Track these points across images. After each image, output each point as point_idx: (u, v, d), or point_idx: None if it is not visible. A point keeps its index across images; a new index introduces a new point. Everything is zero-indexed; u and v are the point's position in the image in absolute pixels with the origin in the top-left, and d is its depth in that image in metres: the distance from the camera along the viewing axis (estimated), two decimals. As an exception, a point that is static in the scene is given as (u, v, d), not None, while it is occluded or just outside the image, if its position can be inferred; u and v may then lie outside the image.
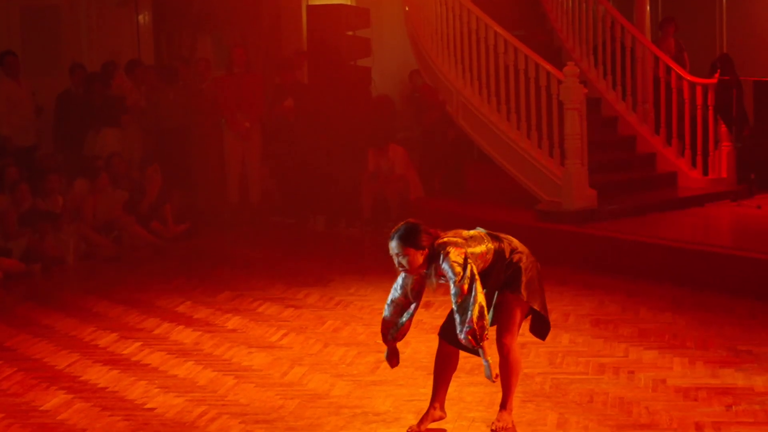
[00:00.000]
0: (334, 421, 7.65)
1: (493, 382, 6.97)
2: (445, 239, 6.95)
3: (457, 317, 6.81)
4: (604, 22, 14.73)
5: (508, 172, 13.72)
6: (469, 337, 6.74)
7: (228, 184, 15.54)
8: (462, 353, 7.28)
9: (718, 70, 14.19)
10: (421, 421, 7.40)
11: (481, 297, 6.77)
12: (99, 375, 8.88)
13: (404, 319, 7.30)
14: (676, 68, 14.19)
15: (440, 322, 9.91)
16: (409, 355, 9.15)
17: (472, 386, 8.25)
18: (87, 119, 14.89)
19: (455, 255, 6.84)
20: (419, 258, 6.92)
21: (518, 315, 7.18)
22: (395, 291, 7.29)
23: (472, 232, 7.13)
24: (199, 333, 10.03)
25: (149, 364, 9.14)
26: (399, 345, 7.64)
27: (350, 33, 16.62)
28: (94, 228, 13.57)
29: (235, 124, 15.32)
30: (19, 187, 13.20)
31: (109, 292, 11.69)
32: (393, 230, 7.01)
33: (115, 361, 9.24)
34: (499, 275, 7.11)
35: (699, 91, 14.02)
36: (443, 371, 7.41)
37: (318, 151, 15.29)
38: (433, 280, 7.05)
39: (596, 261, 12.00)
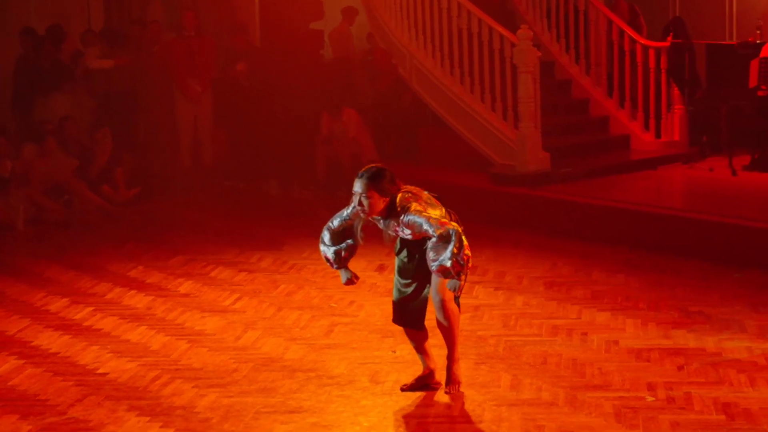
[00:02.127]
0: (288, 385, 7.66)
1: (456, 294, 7.06)
2: (408, 195, 7.01)
3: (445, 250, 6.80)
4: (558, -16, 14.76)
5: (461, 135, 13.73)
6: (464, 261, 6.79)
7: (180, 148, 15.48)
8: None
9: (671, 34, 14.24)
10: (412, 385, 7.53)
11: (458, 226, 6.86)
12: (50, 340, 8.85)
13: (344, 246, 7.41)
14: (629, 31, 14.23)
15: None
16: (363, 318, 9.18)
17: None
18: (36, 84, 14.76)
19: (416, 206, 6.93)
20: (380, 204, 6.98)
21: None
22: (334, 221, 7.40)
23: (431, 198, 7.16)
24: (152, 298, 10.01)
25: (101, 329, 9.12)
26: (353, 309, 7.67)
27: (303, -5, 16.59)
28: (44, 192, 13.49)
29: (185, 88, 15.24)
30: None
31: (59, 257, 11.63)
32: (362, 170, 7.04)
33: (66, 326, 9.21)
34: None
35: (652, 54, 14.08)
36: (418, 341, 7.52)
37: (271, 115, 15.23)
38: (390, 232, 7.12)
39: (549, 224, 12.05)
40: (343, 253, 7.45)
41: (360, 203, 7.02)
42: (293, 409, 7.20)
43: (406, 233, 7.08)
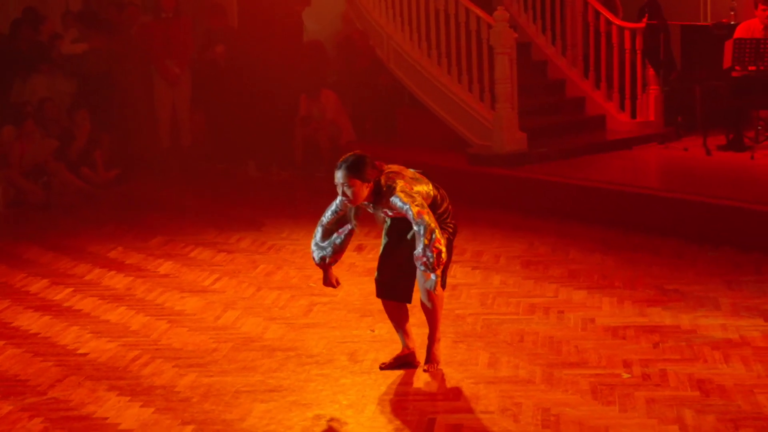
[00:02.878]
0: (267, 364, 7.67)
1: (433, 291, 7.08)
2: (392, 174, 7.01)
3: (420, 239, 6.82)
4: (534, -34, 14.76)
5: (439, 116, 13.74)
6: (434, 256, 6.79)
7: (159, 129, 15.45)
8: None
9: (646, 15, 14.26)
10: (390, 363, 7.54)
11: (434, 222, 6.85)
12: (31, 321, 8.83)
13: (339, 240, 7.35)
14: (605, 13, 14.25)
15: (372, 265, 9.95)
16: (342, 297, 9.19)
17: (405, 328, 8.30)
18: (15, 66, 14.70)
19: (401, 186, 6.94)
20: (364, 190, 6.97)
21: None
22: (325, 215, 7.38)
23: (416, 173, 7.18)
24: (131, 278, 10.00)
25: (81, 310, 9.11)
26: (331, 288, 7.66)
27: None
28: (23, 174, 13.44)
29: (164, 70, 15.20)
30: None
31: (39, 238, 11.60)
32: (340, 160, 7.03)
33: (46, 307, 9.20)
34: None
35: (627, 35, 14.10)
36: (398, 321, 7.53)
37: (249, 97, 15.21)
38: (381, 214, 7.14)
39: (526, 203, 12.07)
40: (327, 260, 7.43)
41: (344, 193, 7.01)
42: (273, 388, 7.21)
43: (391, 213, 7.10)
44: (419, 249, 6.85)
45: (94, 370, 7.67)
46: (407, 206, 6.86)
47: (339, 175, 6.98)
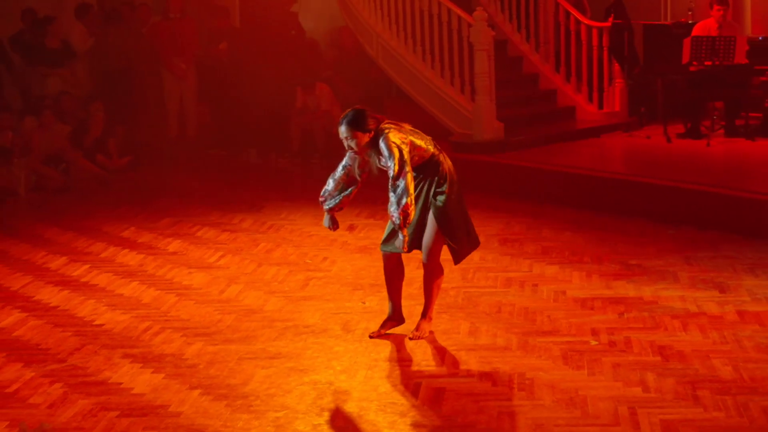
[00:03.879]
0: (267, 334, 7.67)
1: (403, 251, 7.12)
2: (390, 124, 7.03)
3: (391, 195, 6.84)
4: (510, -30, 14.73)
5: (423, 107, 13.71)
6: (401, 217, 6.81)
7: (167, 120, 15.42)
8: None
9: (612, 15, 14.25)
10: (382, 325, 7.55)
11: (411, 185, 6.84)
12: (51, 295, 8.82)
13: (346, 192, 7.32)
14: (575, 13, 14.24)
15: (364, 243, 10.01)
16: (336, 273, 9.19)
17: (392, 300, 8.30)
18: (34, 61, 14.65)
19: (394, 137, 6.94)
20: (365, 139, 6.97)
21: (439, 240, 7.24)
22: (337, 170, 7.32)
23: (417, 130, 7.19)
24: (143, 256, 9.98)
25: (97, 285, 9.09)
26: (326, 264, 7.68)
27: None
28: (43, 161, 13.41)
29: (172, 66, 15.17)
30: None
31: (58, 219, 11.58)
32: (342, 115, 7.06)
33: (65, 282, 9.18)
34: (428, 176, 7.17)
35: (595, 33, 14.09)
36: (393, 281, 7.50)
37: (250, 90, 15.18)
38: (375, 160, 7.07)
39: (504, 187, 12.07)
40: (333, 207, 7.33)
41: (349, 147, 7.03)
42: (273, 355, 7.21)
43: (382, 162, 6.99)
44: (391, 208, 6.86)
45: (109, 339, 7.67)
46: (391, 160, 6.82)
47: (342, 130, 7.03)
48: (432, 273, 7.34)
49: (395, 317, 7.56)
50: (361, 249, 9.88)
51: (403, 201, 6.79)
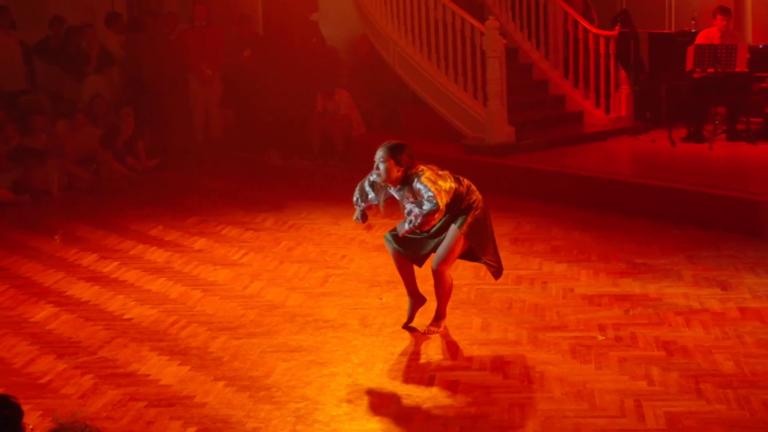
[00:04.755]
0: (288, 328, 7.67)
1: (400, 235, 7.23)
2: (423, 168, 7.10)
3: (425, 205, 6.95)
4: (521, -19, 14.70)
5: (438, 111, 13.69)
6: (412, 218, 6.98)
7: (193, 124, 15.43)
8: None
9: (619, 24, 14.20)
10: (409, 318, 7.59)
11: (443, 205, 6.99)
12: (82, 290, 8.84)
13: (367, 201, 7.46)
14: (583, 22, 14.20)
15: (381, 242, 9.96)
16: (354, 270, 9.18)
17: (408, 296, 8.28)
18: (65, 66, 14.67)
19: (429, 175, 7.03)
20: (394, 171, 7.04)
21: (457, 248, 7.26)
22: (359, 187, 7.43)
23: (442, 171, 7.23)
24: (170, 253, 9.99)
25: (126, 281, 9.11)
26: (345, 262, 7.66)
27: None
28: (75, 162, 13.44)
29: (198, 72, 15.18)
30: (6, 127, 13.02)
31: (89, 218, 11.59)
32: (386, 141, 7.18)
33: (96, 278, 9.20)
34: (453, 210, 7.20)
35: (602, 41, 14.05)
36: (404, 269, 7.50)
37: (273, 95, 15.18)
38: (403, 199, 7.15)
39: (514, 188, 12.04)
40: (364, 209, 7.49)
41: (377, 167, 7.09)
42: (293, 349, 7.21)
43: (411, 199, 7.08)
44: (417, 209, 6.95)
45: (138, 333, 7.68)
46: (430, 192, 6.94)
47: (379, 152, 7.10)
48: (440, 279, 7.33)
49: (416, 299, 7.58)
50: (378, 247, 9.86)
51: (434, 209, 6.94)
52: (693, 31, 14.51)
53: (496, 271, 7.50)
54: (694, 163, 12.11)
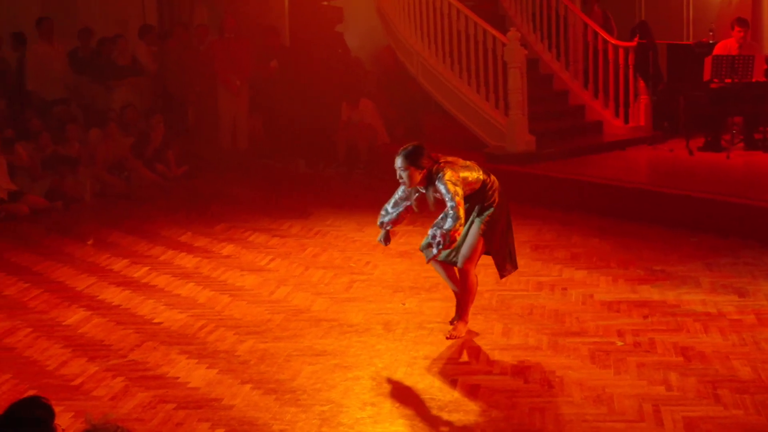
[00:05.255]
0: (314, 332, 7.67)
1: (427, 260, 7.26)
2: (443, 164, 7.04)
3: (448, 220, 6.89)
4: (541, -7, 14.68)
5: (460, 121, 13.68)
6: (439, 239, 6.89)
7: (221, 132, 15.46)
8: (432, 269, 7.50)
9: (637, 35, 14.16)
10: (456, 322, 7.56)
11: (463, 215, 6.92)
12: (113, 295, 8.87)
13: (399, 210, 7.37)
14: (602, 33, 14.17)
15: (404, 249, 9.99)
16: (378, 276, 9.18)
17: (431, 302, 8.29)
18: (96, 76, 14.72)
19: (449, 176, 6.97)
20: (417, 176, 7.01)
21: (479, 246, 7.24)
22: (393, 198, 7.37)
23: (468, 162, 7.20)
24: (199, 259, 10.01)
25: (156, 285, 9.13)
26: (369, 268, 7.64)
27: (325, 3, 16.52)
28: (107, 170, 13.49)
29: (227, 82, 15.21)
30: (41, 136, 13.08)
31: (120, 224, 11.63)
32: (401, 148, 7.08)
33: (127, 283, 9.22)
34: (477, 202, 7.22)
35: (621, 52, 14.00)
36: (447, 273, 7.54)
37: (299, 105, 15.20)
38: (431, 195, 7.12)
39: (535, 196, 12.00)
40: (387, 224, 7.40)
41: (400, 176, 7.07)
42: (319, 353, 7.21)
43: (438, 196, 7.09)
44: (440, 230, 6.91)
45: (167, 336, 7.69)
46: (449, 197, 6.89)
47: (398, 161, 7.06)
48: (465, 278, 7.31)
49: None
50: (402, 254, 9.86)
51: (454, 225, 6.85)
52: (711, 42, 14.45)
53: (501, 269, 7.46)
54: (712, 172, 12.06)
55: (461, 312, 7.46)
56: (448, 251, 7.25)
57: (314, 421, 6.05)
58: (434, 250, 7.03)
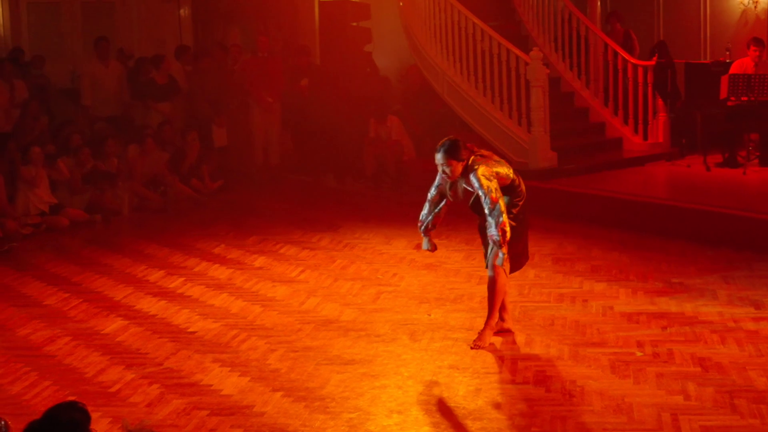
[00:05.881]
0: (342, 342, 7.66)
1: (500, 265, 7.16)
2: (479, 157, 7.15)
3: (490, 220, 6.97)
4: (563, 14, 14.63)
5: (484, 137, 13.66)
6: (496, 238, 6.94)
7: (254, 148, 15.51)
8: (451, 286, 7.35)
9: (656, 55, 14.12)
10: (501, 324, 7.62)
11: (504, 206, 6.98)
12: (150, 305, 8.89)
13: (436, 210, 7.46)
14: (622, 53, 14.14)
15: (430, 261, 9.97)
16: (404, 287, 9.16)
17: (456, 312, 8.27)
18: (136, 95, 14.80)
19: (483, 170, 7.07)
20: (459, 168, 7.11)
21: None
22: (431, 190, 7.46)
23: (501, 159, 7.35)
24: (232, 270, 10.03)
25: (191, 296, 9.15)
26: (395, 280, 7.60)
27: (354, 24, 16.57)
28: (144, 185, 13.54)
29: (260, 100, 15.26)
30: (82, 151, 13.15)
31: (157, 237, 11.66)
32: (439, 144, 7.18)
33: (162, 294, 9.25)
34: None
35: (640, 71, 13.97)
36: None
37: (328, 121, 15.23)
38: (462, 186, 7.21)
39: (557, 210, 11.97)
40: (429, 226, 7.48)
41: (443, 171, 7.15)
42: (347, 362, 7.20)
43: (469, 188, 7.18)
44: (491, 230, 6.97)
45: (201, 345, 7.70)
46: (483, 191, 6.98)
47: (438, 157, 7.17)
48: (496, 277, 7.30)
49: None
50: (427, 266, 9.85)
51: (500, 219, 6.95)
52: (727, 61, 14.40)
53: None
54: (728, 188, 12.00)
55: (488, 316, 7.43)
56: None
57: (342, 428, 6.04)
58: (500, 254, 7.04)
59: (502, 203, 6.98)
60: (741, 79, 12.99)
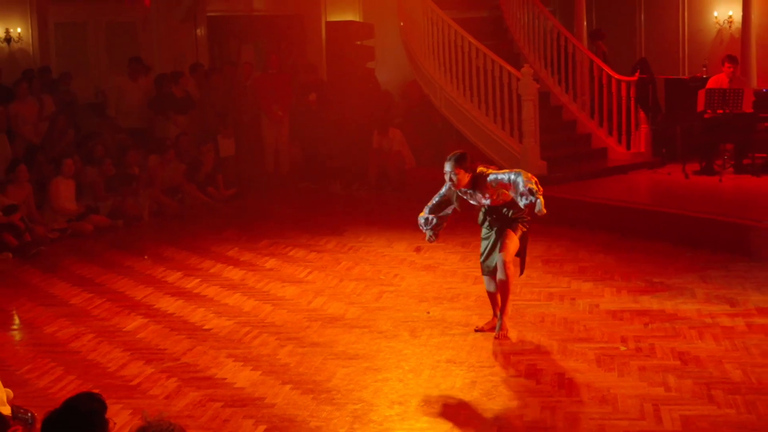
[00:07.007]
0: (347, 338, 7.65)
1: (543, 213, 7.13)
2: (484, 167, 7.29)
3: (527, 198, 7.06)
4: (552, 34, 14.62)
5: (478, 148, 13.63)
6: (535, 189, 7.02)
7: (265, 158, 15.51)
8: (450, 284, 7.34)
9: (638, 71, 14.09)
10: (486, 324, 7.68)
11: (534, 178, 7.14)
12: (168, 304, 8.88)
13: (441, 215, 7.53)
14: (607, 69, 14.12)
15: (429, 263, 9.96)
16: (405, 287, 9.15)
17: (453, 310, 8.27)
18: (155, 108, 14.80)
19: (492, 171, 7.22)
20: (465, 178, 7.18)
21: (513, 242, 7.37)
22: (434, 199, 7.52)
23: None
24: (245, 271, 10.02)
25: (206, 296, 9.14)
26: (397, 280, 7.60)
27: (359, 42, 16.56)
28: (163, 192, 13.54)
29: (270, 113, 15.27)
30: (105, 161, 13.16)
31: (175, 241, 11.66)
32: (449, 155, 7.25)
33: (180, 293, 9.24)
34: (510, 207, 7.37)
35: (623, 86, 13.94)
36: (491, 295, 7.64)
37: (334, 133, 15.23)
38: (478, 198, 7.31)
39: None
40: (432, 219, 7.52)
41: (450, 179, 7.21)
42: (352, 356, 7.19)
43: (487, 198, 7.26)
44: (525, 199, 7.06)
45: (216, 341, 7.70)
46: (512, 175, 7.09)
47: (448, 165, 7.22)
48: (506, 285, 7.36)
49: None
50: (426, 267, 9.84)
51: (524, 179, 7.04)
52: (704, 76, 14.37)
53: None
54: (706, 194, 11.98)
55: (503, 308, 7.45)
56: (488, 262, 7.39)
57: (347, 418, 6.03)
58: (539, 202, 7.01)
59: (532, 179, 7.07)
60: (717, 93, 12.98)
